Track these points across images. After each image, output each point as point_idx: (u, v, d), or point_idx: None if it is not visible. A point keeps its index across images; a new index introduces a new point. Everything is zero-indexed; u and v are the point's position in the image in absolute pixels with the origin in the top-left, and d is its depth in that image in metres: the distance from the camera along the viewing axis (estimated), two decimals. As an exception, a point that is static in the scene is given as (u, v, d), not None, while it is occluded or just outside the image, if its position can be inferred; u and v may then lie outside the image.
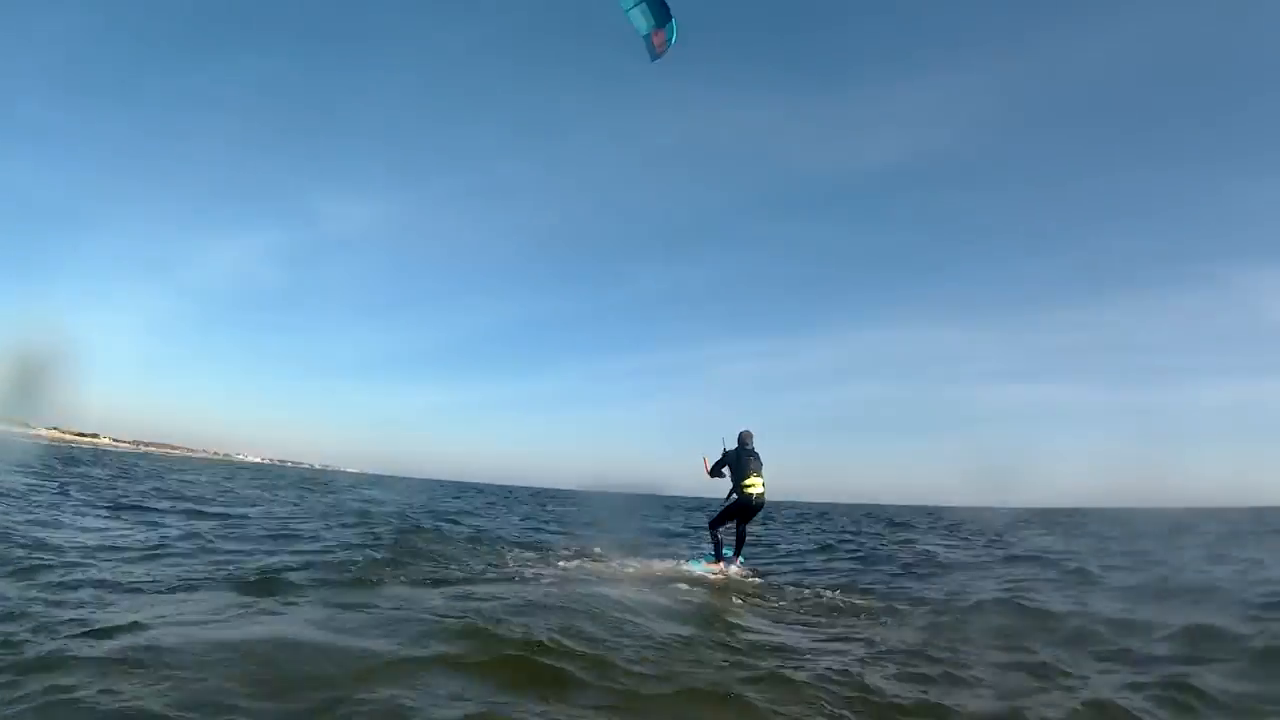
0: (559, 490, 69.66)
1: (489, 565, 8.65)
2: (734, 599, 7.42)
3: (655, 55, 8.45)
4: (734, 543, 10.18)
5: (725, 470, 9.94)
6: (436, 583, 6.95)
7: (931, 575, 9.83)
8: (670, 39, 8.27)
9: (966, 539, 16.75)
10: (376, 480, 66.90)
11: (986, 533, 18.79)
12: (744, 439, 10.00)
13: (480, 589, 6.64)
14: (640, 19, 8.24)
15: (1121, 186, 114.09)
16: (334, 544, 9.39)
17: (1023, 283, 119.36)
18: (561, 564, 9.25)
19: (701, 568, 9.65)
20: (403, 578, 7.08)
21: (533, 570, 8.39)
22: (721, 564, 9.82)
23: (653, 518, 21.77)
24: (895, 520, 28.26)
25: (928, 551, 13.08)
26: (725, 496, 9.93)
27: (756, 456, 9.94)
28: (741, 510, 9.89)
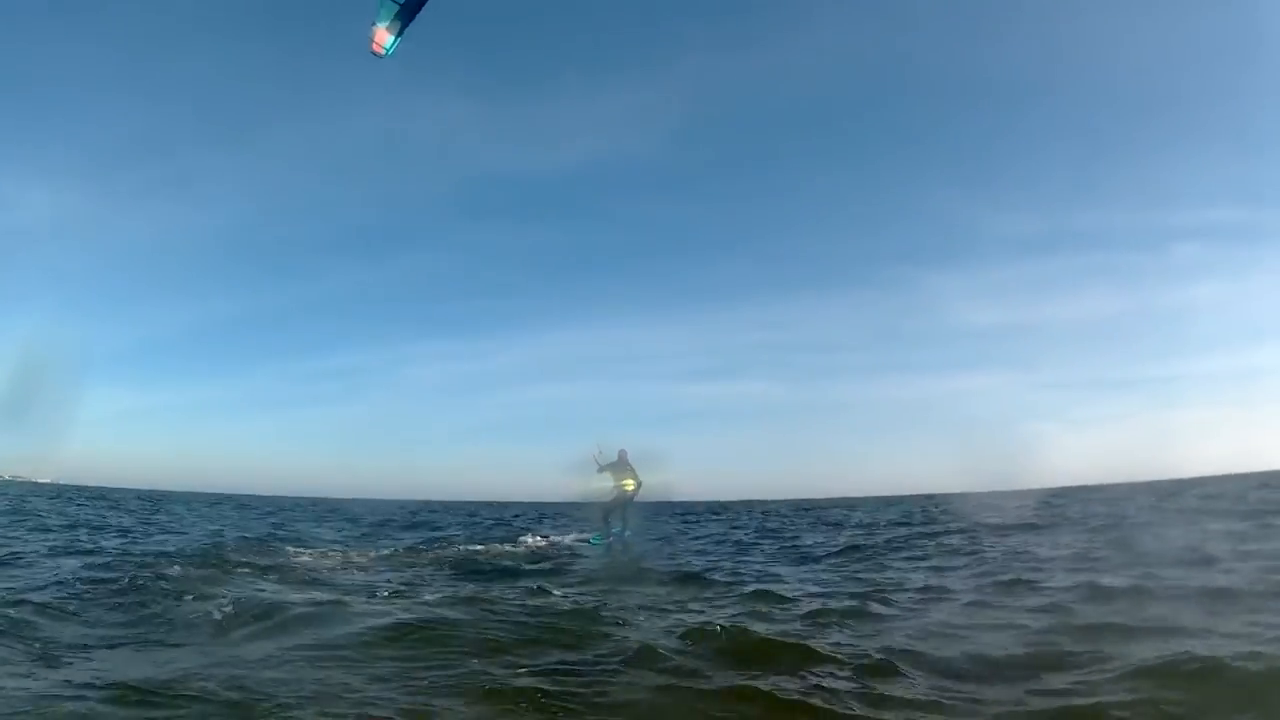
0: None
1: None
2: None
3: (369, 47, 8.66)
4: (619, 521, 14.33)
5: (607, 473, 14.03)
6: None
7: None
8: (387, 48, 8.67)
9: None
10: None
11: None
12: (622, 455, 14.12)
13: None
14: (385, 9, 8.44)
15: (810, 192, 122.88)
16: None
17: (713, 284, 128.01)
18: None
19: (601, 543, 13.71)
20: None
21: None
22: (611, 538, 13.96)
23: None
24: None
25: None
26: (610, 489, 14.07)
27: (630, 465, 14.07)
28: (619, 500, 14.11)
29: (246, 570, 9.29)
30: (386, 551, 12.98)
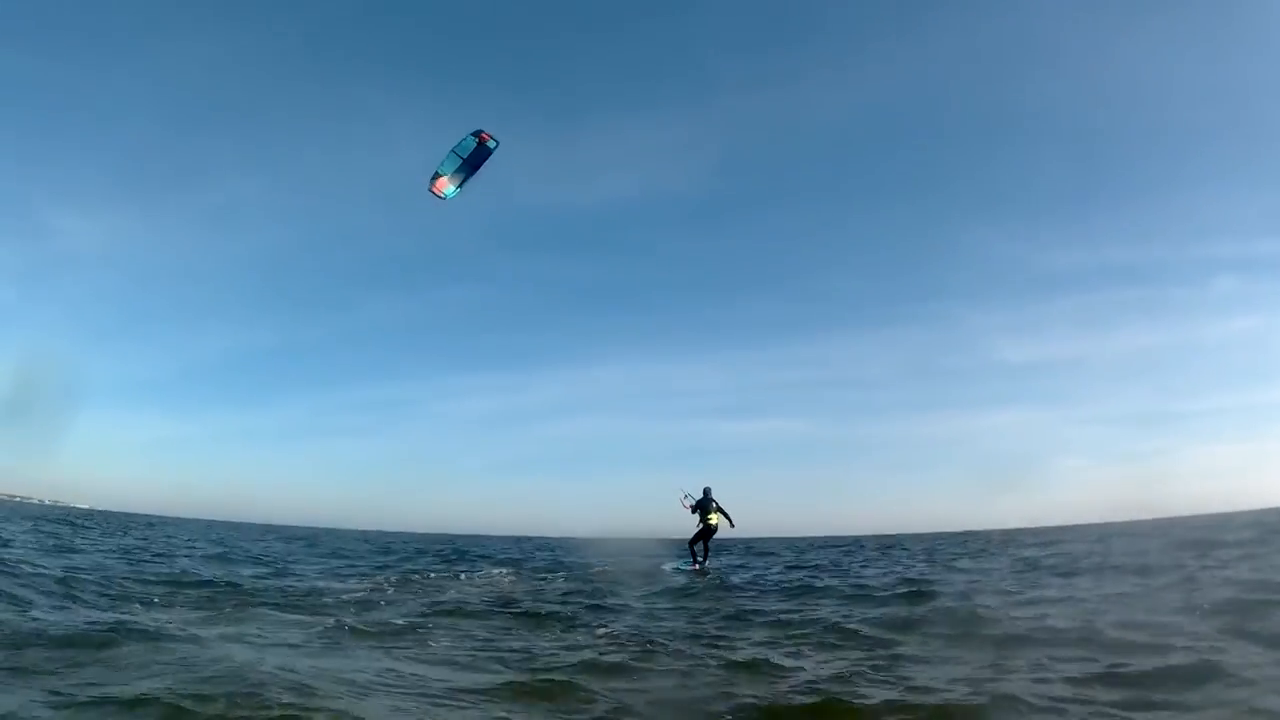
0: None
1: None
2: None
3: (430, 189, 10.01)
4: (702, 552, 16.21)
5: (697, 509, 15.77)
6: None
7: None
8: (447, 193, 10.02)
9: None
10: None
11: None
12: (707, 492, 15.91)
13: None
14: (449, 162, 9.91)
15: (846, 229, 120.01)
16: None
17: (747, 321, 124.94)
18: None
19: (687, 567, 15.83)
20: None
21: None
22: (696, 564, 15.91)
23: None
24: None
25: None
26: (696, 524, 15.88)
27: (714, 501, 15.79)
28: (704, 533, 15.91)
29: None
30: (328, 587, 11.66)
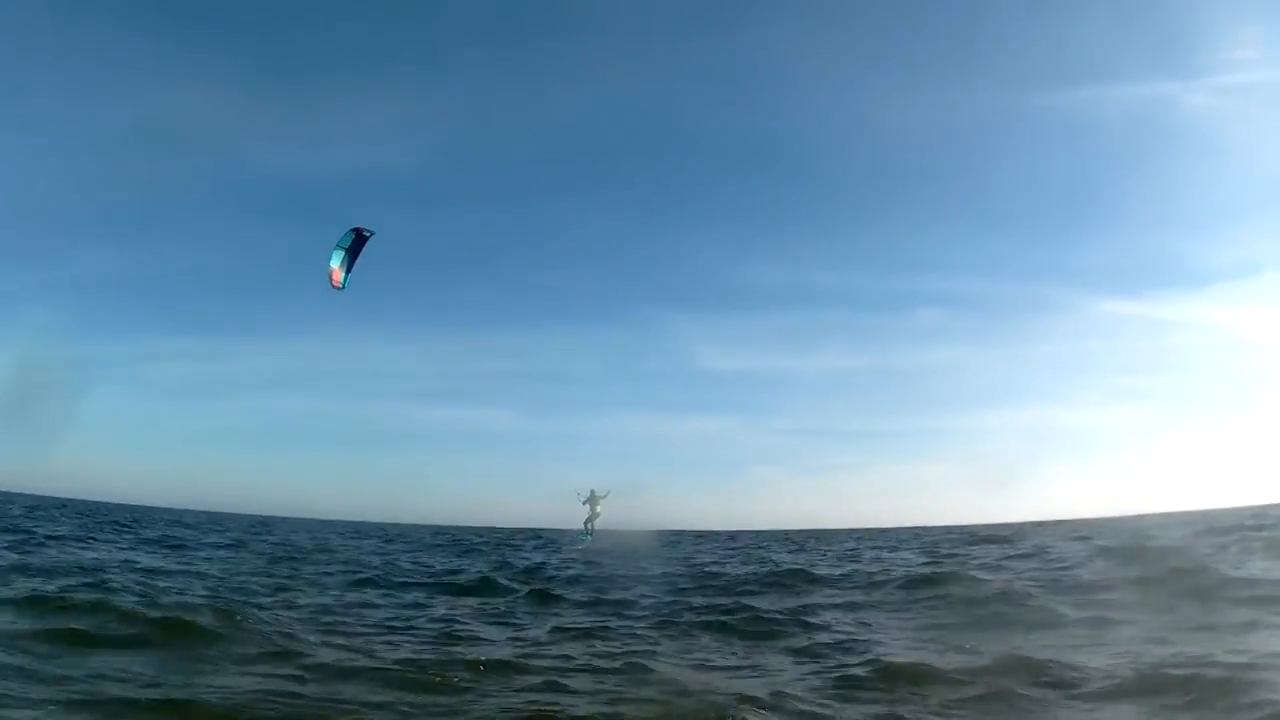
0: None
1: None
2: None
3: (330, 285, 11.83)
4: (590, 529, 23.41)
5: (585, 503, 22.55)
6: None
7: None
8: (344, 283, 11.86)
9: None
10: None
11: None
12: (593, 492, 22.68)
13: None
14: (335, 256, 11.77)
15: (566, 227, 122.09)
16: None
17: (455, 308, 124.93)
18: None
19: (585, 539, 23.53)
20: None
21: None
22: (589, 536, 23.43)
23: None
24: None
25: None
26: (587, 512, 22.80)
27: (598, 497, 22.62)
28: (592, 517, 22.99)
29: None
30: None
